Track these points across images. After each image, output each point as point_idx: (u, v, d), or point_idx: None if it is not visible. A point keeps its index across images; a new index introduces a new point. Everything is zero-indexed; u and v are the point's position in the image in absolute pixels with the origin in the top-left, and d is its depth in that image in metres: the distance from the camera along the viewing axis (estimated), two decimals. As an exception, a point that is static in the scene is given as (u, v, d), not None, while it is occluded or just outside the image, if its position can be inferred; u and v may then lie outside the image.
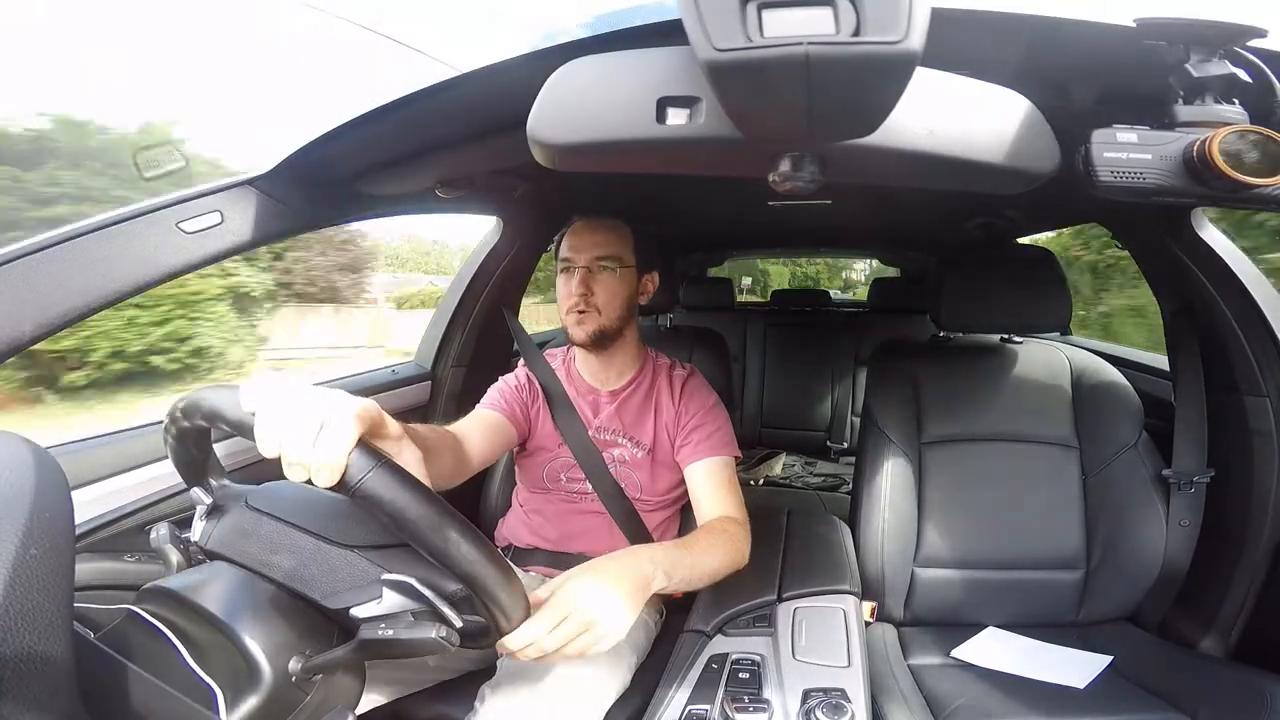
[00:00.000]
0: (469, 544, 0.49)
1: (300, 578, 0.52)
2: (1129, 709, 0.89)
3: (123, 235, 0.70)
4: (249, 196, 0.81)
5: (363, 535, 0.54)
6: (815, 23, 0.33)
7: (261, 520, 0.56)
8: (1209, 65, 0.48)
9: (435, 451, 0.80)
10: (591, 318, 0.99)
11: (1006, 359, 1.22)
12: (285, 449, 0.46)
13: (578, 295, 0.98)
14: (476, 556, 0.50)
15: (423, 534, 0.47)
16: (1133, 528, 1.08)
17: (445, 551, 0.48)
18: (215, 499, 0.59)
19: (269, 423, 0.46)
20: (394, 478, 0.47)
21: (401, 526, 0.47)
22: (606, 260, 1.00)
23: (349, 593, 0.52)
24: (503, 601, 0.53)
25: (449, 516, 0.49)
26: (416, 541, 0.48)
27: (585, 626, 0.62)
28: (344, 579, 0.52)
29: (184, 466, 0.58)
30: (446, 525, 0.48)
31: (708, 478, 0.96)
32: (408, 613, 0.50)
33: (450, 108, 0.70)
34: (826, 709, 0.60)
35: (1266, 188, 0.46)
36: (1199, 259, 0.96)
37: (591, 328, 0.99)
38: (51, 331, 0.65)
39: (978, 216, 1.55)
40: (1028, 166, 0.46)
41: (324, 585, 0.52)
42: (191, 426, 0.52)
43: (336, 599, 0.52)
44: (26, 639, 0.30)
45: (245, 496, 0.58)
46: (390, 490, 0.46)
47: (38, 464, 0.36)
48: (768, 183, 0.46)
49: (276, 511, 0.56)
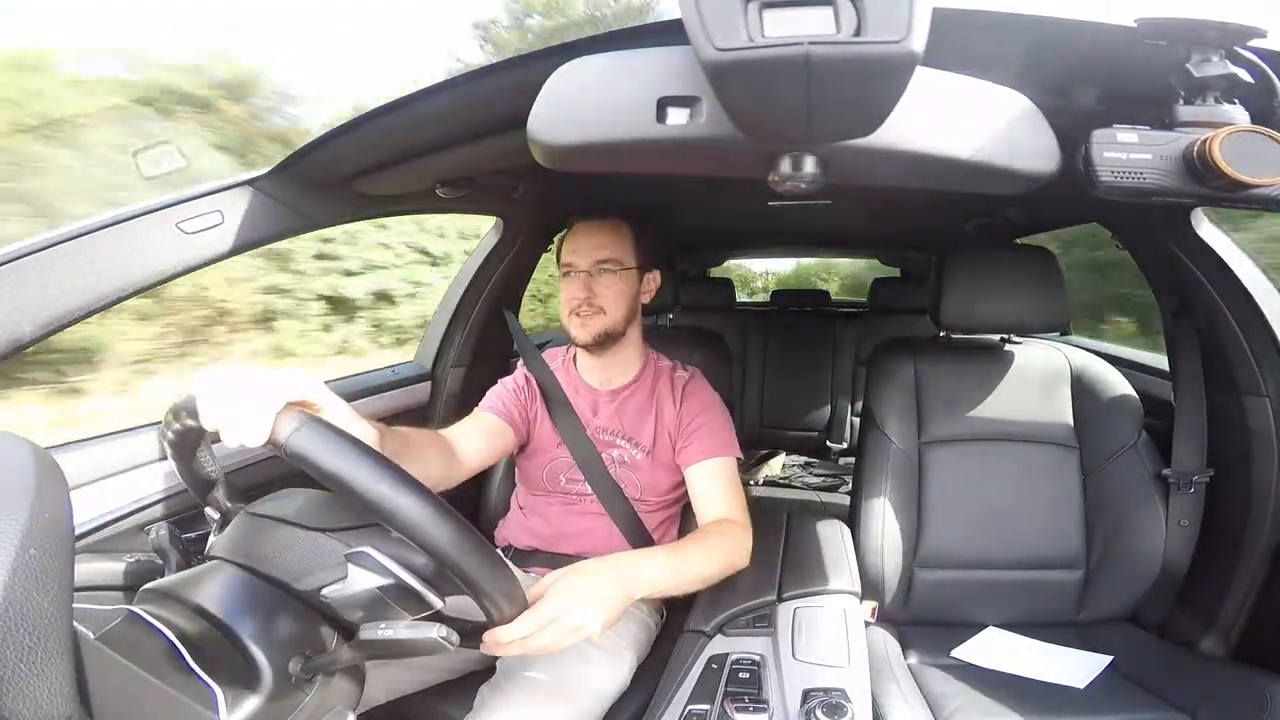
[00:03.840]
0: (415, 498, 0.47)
1: (275, 564, 0.53)
2: (1129, 709, 0.89)
3: (123, 235, 0.70)
4: (249, 196, 0.80)
5: (334, 519, 0.55)
6: (816, 23, 0.33)
7: (252, 520, 0.56)
8: (1209, 65, 0.48)
9: (417, 450, 0.80)
10: (595, 320, 0.99)
11: (1006, 359, 1.22)
12: (221, 420, 0.49)
13: (580, 299, 0.98)
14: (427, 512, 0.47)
15: (362, 490, 0.45)
16: (1132, 527, 1.08)
17: (392, 509, 0.46)
18: (224, 514, 0.60)
19: (207, 397, 0.50)
20: (323, 432, 0.47)
21: (335, 483, 0.46)
22: (608, 262, 0.99)
23: (318, 574, 0.51)
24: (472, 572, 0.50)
25: (388, 469, 0.47)
26: (360, 502, 0.46)
27: (575, 627, 0.63)
28: (314, 561, 0.52)
29: (190, 479, 0.59)
30: (385, 477, 0.46)
31: (709, 478, 0.96)
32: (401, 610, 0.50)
33: (450, 108, 0.70)
34: (826, 709, 0.60)
35: (1267, 188, 0.46)
36: (1199, 259, 0.97)
37: (595, 329, 0.99)
38: (51, 331, 0.65)
39: (978, 216, 1.55)
40: (1028, 167, 0.46)
41: (295, 569, 0.52)
42: (182, 428, 0.54)
43: (306, 580, 0.52)
44: (26, 639, 0.30)
45: (245, 507, 0.59)
46: (319, 444, 0.46)
47: (37, 464, 0.36)
48: (768, 183, 0.46)
49: (266, 511, 0.57)
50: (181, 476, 0.59)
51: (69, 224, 0.68)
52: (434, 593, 0.50)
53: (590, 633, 0.64)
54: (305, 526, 0.54)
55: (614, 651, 0.85)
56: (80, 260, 0.67)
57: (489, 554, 0.52)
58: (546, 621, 0.61)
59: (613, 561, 0.73)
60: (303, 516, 0.55)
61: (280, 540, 0.54)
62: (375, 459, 0.47)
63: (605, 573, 0.70)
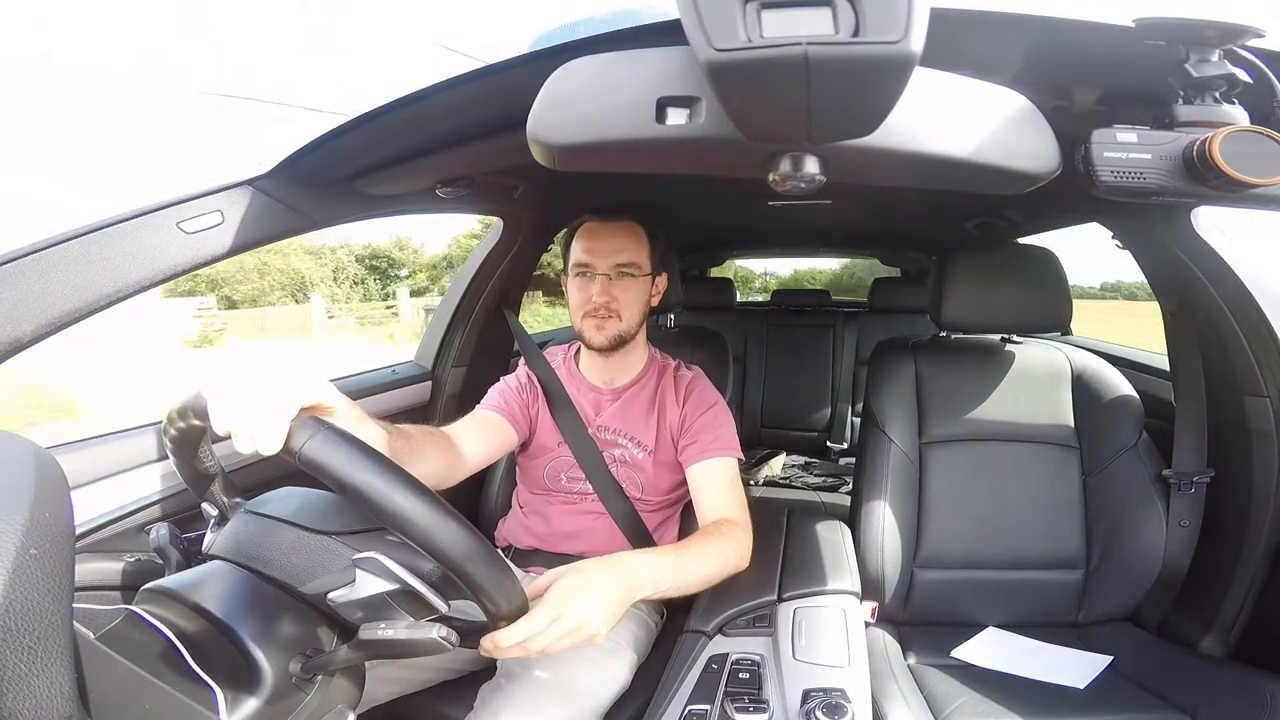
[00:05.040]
0: (428, 506, 0.47)
1: (280, 567, 0.53)
2: (1129, 709, 0.89)
3: (123, 235, 0.70)
4: (249, 196, 0.80)
5: (341, 522, 0.54)
6: (815, 23, 0.33)
7: (254, 520, 0.56)
8: (1209, 65, 0.48)
9: (420, 448, 0.80)
10: (612, 324, 0.98)
11: (1006, 359, 1.22)
12: (234, 426, 0.48)
13: (599, 302, 0.97)
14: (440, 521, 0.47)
15: (377, 500, 0.46)
16: (1133, 528, 1.08)
17: (406, 519, 0.46)
18: (223, 511, 0.60)
19: (218, 401, 0.49)
20: (338, 440, 0.47)
21: (351, 492, 0.46)
22: (628, 266, 0.99)
23: (325, 578, 0.51)
24: (481, 578, 0.50)
25: (402, 477, 0.47)
26: (373, 511, 0.46)
27: (576, 627, 0.62)
28: (320, 565, 0.52)
29: (188, 475, 0.59)
30: (400, 486, 0.46)
31: (710, 479, 0.96)
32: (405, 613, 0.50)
33: (450, 108, 0.70)
34: (826, 709, 0.60)
35: (1266, 187, 0.46)
36: (1199, 259, 0.96)
37: (612, 334, 0.99)
38: (51, 331, 0.65)
39: (978, 216, 1.55)
40: (1028, 167, 0.46)
41: (302, 573, 0.52)
42: (186, 427, 0.53)
43: (313, 585, 0.52)
44: (26, 639, 0.30)
45: (245, 504, 0.59)
46: (333, 453, 0.46)
47: (38, 464, 0.36)
48: (768, 183, 0.46)
49: (268, 511, 0.56)
50: (179, 471, 0.58)
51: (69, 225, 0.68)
52: (439, 597, 0.50)
53: (592, 633, 0.63)
54: (311, 529, 0.54)
55: (614, 651, 0.85)
56: (80, 260, 0.66)
57: (494, 558, 0.52)
58: (547, 623, 0.60)
59: (614, 561, 0.72)
60: (307, 518, 0.55)
61: (285, 542, 0.54)
62: (388, 468, 0.47)
63: (607, 572, 0.69)
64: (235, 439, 0.48)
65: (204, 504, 0.60)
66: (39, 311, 0.64)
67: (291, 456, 0.47)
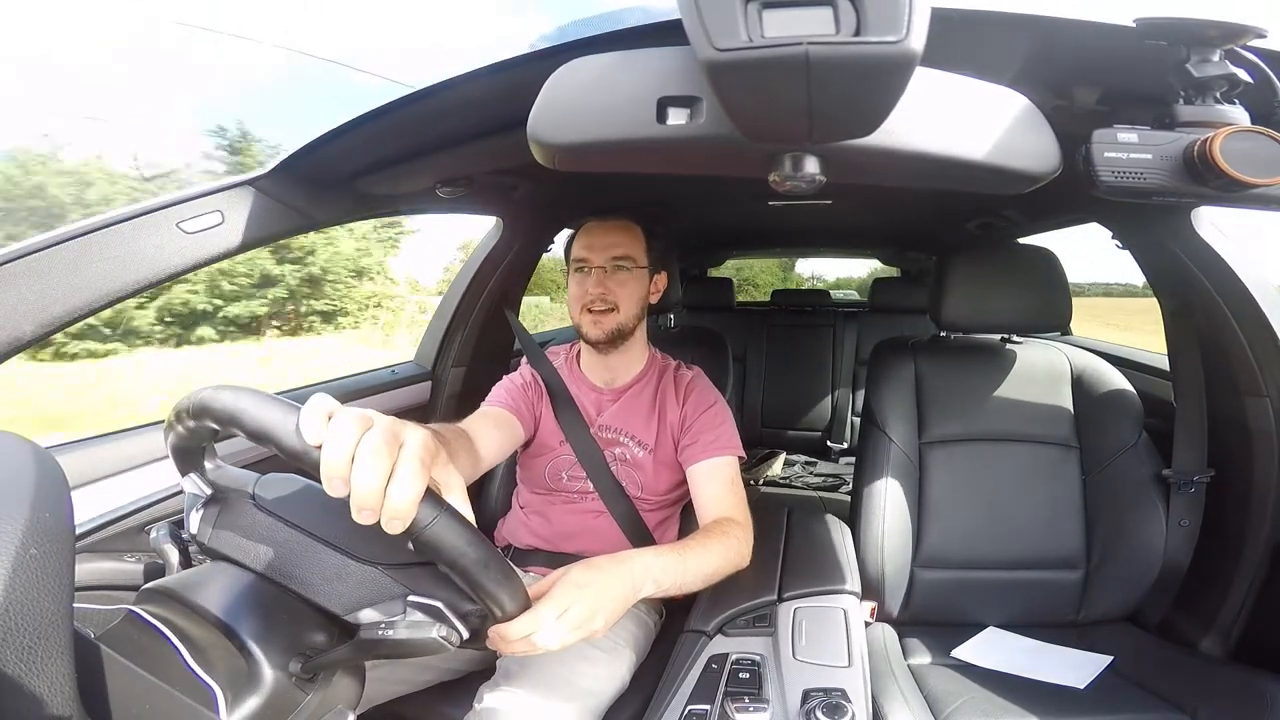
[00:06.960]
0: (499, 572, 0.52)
1: (321, 591, 0.52)
2: (1129, 709, 0.89)
3: (123, 235, 0.70)
4: (249, 196, 0.80)
5: (386, 553, 0.53)
6: (815, 22, 0.33)
7: (275, 525, 0.54)
8: (1209, 65, 0.48)
9: (455, 452, 0.80)
10: (609, 317, 1.00)
11: (1006, 359, 1.22)
12: (356, 493, 0.41)
13: (595, 295, 0.99)
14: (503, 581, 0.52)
15: (469, 573, 0.49)
16: (1132, 528, 1.08)
17: (480, 584, 0.50)
18: (215, 490, 0.56)
19: (339, 462, 0.41)
20: (454, 526, 0.47)
21: (450, 567, 0.48)
22: (623, 259, 1.01)
23: (372, 610, 0.52)
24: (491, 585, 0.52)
25: (493, 556, 0.51)
26: (458, 575, 0.49)
27: (580, 625, 0.62)
28: (368, 598, 0.52)
29: (180, 458, 0.55)
30: (491, 564, 0.50)
31: (711, 478, 0.96)
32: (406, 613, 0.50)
33: (450, 108, 0.70)
34: (826, 709, 0.60)
35: (1267, 187, 0.46)
36: (1199, 259, 0.96)
37: (609, 326, 1.00)
38: (52, 331, 0.65)
39: (978, 216, 1.55)
40: (1028, 167, 0.46)
41: (347, 602, 0.52)
42: (200, 428, 0.48)
43: (361, 615, 0.52)
44: (26, 639, 0.30)
45: (251, 490, 0.55)
46: (450, 538, 0.47)
47: (38, 464, 0.36)
48: (768, 183, 0.46)
49: (290, 515, 0.54)
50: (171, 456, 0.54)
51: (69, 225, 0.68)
52: (464, 624, 0.52)
53: (595, 629, 0.64)
54: (358, 558, 0.53)
55: (613, 651, 0.85)
56: (80, 260, 0.66)
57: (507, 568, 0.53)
58: (555, 616, 0.61)
59: (617, 559, 0.72)
60: (348, 542, 0.53)
61: (328, 568, 0.52)
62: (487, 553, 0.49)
63: (610, 570, 0.69)
64: (355, 511, 0.41)
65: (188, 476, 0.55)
66: (39, 311, 0.64)
67: (407, 536, 0.45)
